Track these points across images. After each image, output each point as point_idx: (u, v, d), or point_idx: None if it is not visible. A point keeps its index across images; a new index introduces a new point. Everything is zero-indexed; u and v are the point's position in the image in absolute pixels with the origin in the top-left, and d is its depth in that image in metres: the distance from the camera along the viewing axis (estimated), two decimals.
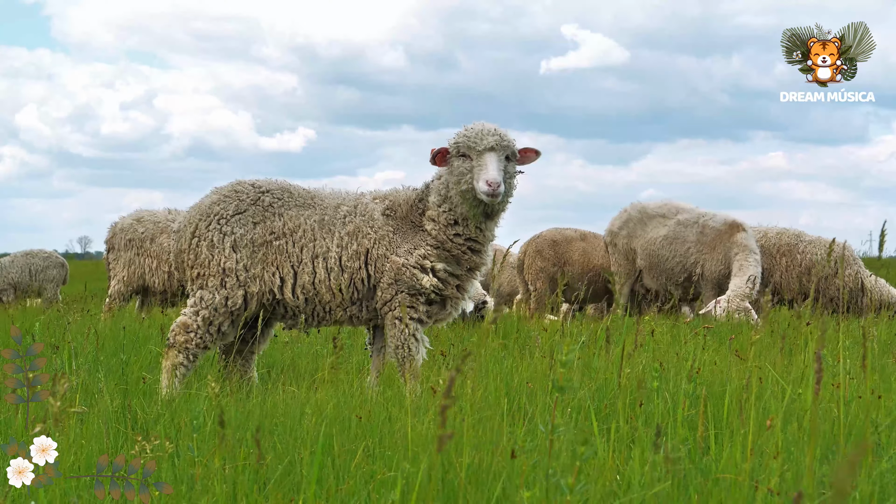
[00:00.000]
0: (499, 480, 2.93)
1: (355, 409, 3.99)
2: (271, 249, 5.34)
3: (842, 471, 1.44)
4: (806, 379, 4.26)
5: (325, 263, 5.31)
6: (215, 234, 5.34)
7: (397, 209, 5.41)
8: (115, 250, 10.47)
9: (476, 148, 5.06)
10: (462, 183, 5.10)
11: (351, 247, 5.32)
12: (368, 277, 5.29)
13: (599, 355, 5.31)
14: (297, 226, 5.36)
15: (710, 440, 3.43)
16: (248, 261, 5.32)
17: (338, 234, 5.36)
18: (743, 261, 10.07)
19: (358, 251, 5.31)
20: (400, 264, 5.23)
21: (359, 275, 5.31)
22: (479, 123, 5.14)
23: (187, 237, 5.44)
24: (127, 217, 10.60)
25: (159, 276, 10.20)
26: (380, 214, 5.40)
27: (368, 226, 5.36)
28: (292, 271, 5.31)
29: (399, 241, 5.31)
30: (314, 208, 5.42)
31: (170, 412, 4.18)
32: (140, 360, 5.78)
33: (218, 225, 5.38)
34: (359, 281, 5.31)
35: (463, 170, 5.10)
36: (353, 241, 5.33)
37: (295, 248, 5.33)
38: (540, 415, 3.96)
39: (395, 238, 5.33)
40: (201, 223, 5.42)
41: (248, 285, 5.29)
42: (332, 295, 5.29)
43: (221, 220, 5.38)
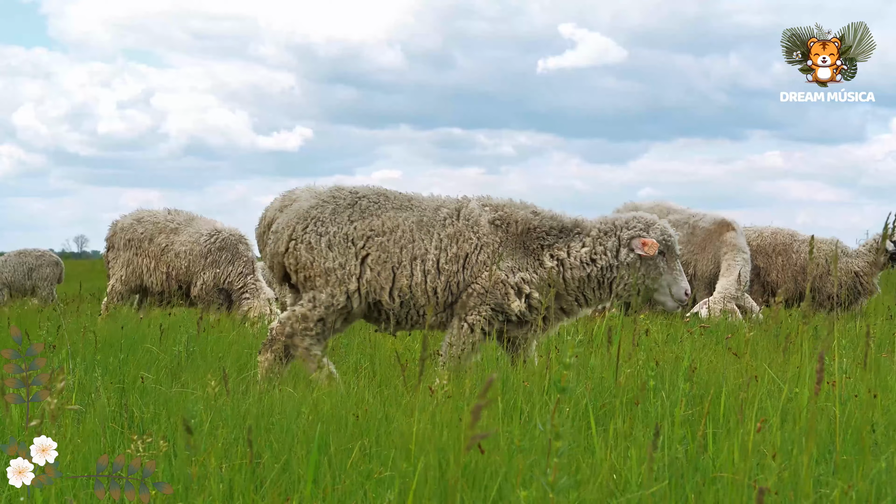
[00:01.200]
0: (496, 479, 2.94)
1: (352, 409, 3.99)
2: (372, 245, 5.33)
3: None
4: (802, 378, 4.26)
5: (423, 266, 5.29)
6: (312, 235, 5.37)
7: (511, 225, 5.39)
8: (114, 249, 10.46)
9: (673, 251, 5.40)
10: (654, 279, 5.36)
11: (450, 250, 5.31)
12: (463, 282, 5.27)
13: (596, 354, 5.31)
14: (395, 226, 5.35)
15: (708, 439, 3.43)
16: (344, 258, 5.33)
17: (437, 237, 5.34)
18: (731, 260, 10.07)
19: (457, 255, 5.29)
20: (499, 279, 5.24)
21: (455, 279, 5.30)
22: (663, 220, 5.44)
23: (284, 240, 5.47)
24: (127, 216, 10.58)
25: (157, 276, 10.18)
26: (486, 222, 5.37)
27: (472, 231, 5.33)
28: (392, 273, 5.32)
29: (503, 255, 5.31)
30: (412, 210, 5.41)
31: (167, 411, 4.18)
32: (137, 360, 5.78)
33: (315, 227, 5.41)
34: (454, 285, 5.30)
35: (661, 269, 5.36)
36: (453, 244, 5.31)
37: (395, 248, 5.32)
38: (539, 415, 3.96)
39: (500, 251, 5.31)
40: (298, 226, 5.47)
41: (347, 283, 5.30)
42: (426, 298, 5.29)
43: (318, 222, 5.40)
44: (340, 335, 7.61)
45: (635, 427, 3.69)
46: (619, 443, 3.50)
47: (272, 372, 5.33)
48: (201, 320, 7.32)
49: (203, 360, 5.87)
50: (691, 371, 4.25)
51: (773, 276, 11.01)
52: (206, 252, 10.02)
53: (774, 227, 11.43)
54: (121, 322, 7.94)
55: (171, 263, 10.11)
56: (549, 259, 5.32)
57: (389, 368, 5.52)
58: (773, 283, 10.99)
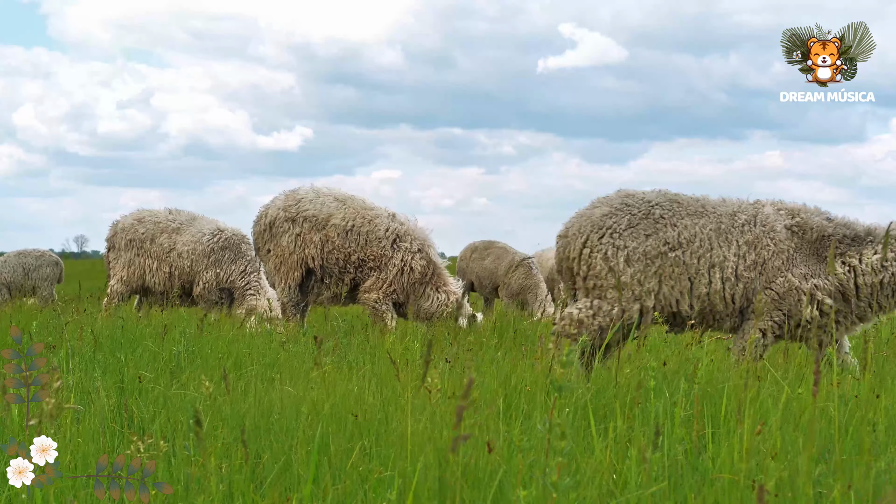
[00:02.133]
0: (495, 479, 2.94)
1: (351, 409, 3.99)
2: (667, 261, 5.34)
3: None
4: (803, 378, 4.26)
5: (721, 273, 5.30)
6: (609, 247, 5.38)
7: (807, 232, 5.41)
8: (115, 249, 10.45)
9: None
10: None
11: (749, 257, 5.31)
12: (757, 288, 5.30)
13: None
14: (692, 235, 5.36)
15: (708, 440, 3.43)
16: (642, 275, 5.33)
17: (735, 244, 5.35)
18: None
19: (756, 261, 5.31)
20: (794, 285, 5.24)
21: (751, 285, 5.31)
22: None
23: (577, 247, 5.47)
24: (128, 216, 10.57)
25: (160, 276, 10.16)
26: (783, 227, 5.39)
27: (769, 237, 5.35)
28: (689, 283, 5.32)
29: (797, 261, 5.33)
30: (707, 216, 5.42)
31: (166, 411, 4.18)
32: (136, 359, 5.78)
33: (611, 238, 5.41)
34: (750, 291, 5.31)
35: None
36: (752, 251, 5.32)
37: (692, 259, 5.33)
38: (539, 415, 3.96)
39: (795, 256, 5.34)
40: (593, 235, 5.46)
41: (643, 299, 5.30)
42: (724, 305, 5.30)
43: (614, 233, 5.41)
44: (340, 336, 7.61)
45: (635, 427, 3.69)
46: (620, 443, 3.50)
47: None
48: (203, 320, 7.31)
49: (202, 360, 5.87)
50: (693, 371, 4.25)
51: None
52: (208, 251, 10.01)
53: None
54: (120, 322, 7.94)
55: (174, 263, 10.09)
56: (840, 266, 5.34)
57: (389, 368, 5.52)
58: None
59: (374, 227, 8.71)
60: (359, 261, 8.68)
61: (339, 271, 8.72)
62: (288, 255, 8.77)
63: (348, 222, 8.71)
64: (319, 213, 8.79)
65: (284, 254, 8.79)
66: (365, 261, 8.66)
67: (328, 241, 8.69)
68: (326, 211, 8.80)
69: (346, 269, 8.69)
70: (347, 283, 8.76)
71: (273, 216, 9.02)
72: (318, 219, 8.77)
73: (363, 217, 8.75)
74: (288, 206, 8.93)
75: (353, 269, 8.69)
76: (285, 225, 8.86)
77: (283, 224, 8.87)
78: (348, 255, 8.67)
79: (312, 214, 8.79)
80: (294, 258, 8.75)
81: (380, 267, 8.63)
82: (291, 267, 8.77)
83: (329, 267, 8.74)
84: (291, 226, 8.83)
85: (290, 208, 8.89)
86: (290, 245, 8.77)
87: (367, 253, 8.64)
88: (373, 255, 8.63)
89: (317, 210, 8.81)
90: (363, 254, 8.65)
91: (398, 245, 8.68)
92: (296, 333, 7.58)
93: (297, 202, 8.93)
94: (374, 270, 8.65)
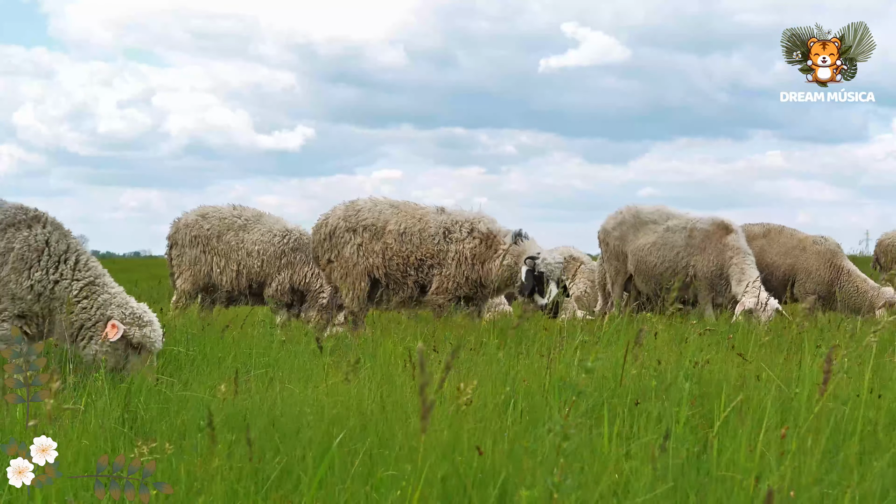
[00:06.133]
0: (499, 479, 2.93)
1: (355, 409, 3.98)
2: None
3: None
4: (803, 378, 4.25)
5: None
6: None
7: None
8: (178, 246, 10.27)
9: None
10: None
11: None
12: None
13: (600, 355, 5.31)
14: None
15: (713, 440, 3.42)
16: None
17: None
18: (742, 263, 10.15)
19: None
20: None
21: None
22: None
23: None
24: (191, 213, 10.34)
25: (227, 274, 10.03)
26: None
27: None
28: None
29: None
30: None
31: (170, 412, 4.17)
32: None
33: None
34: None
35: None
36: None
37: None
38: (540, 414, 3.95)
39: None
40: None
41: None
42: None
43: None
44: (338, 337, 7.61)
45: (637, 427, 3.68)
46: (623, 443, 3.49)
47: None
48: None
49: (204, 361, 5.86)
50: (696, 370, 4.24)
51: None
52: (280, 253, 9.92)
53: (764, 224, 11.71)
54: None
55: (243, 262, 9.96)
56: None
57: (390, 368, 5.51)
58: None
59: (425, 224, 8.78)
60: (417, 262, 8.75)
61: (401, 275, 8.82)
62: (352, 266, 8.87)
63: (401, 225, 8.79)
64: (377, 220, 8.90)
65: (349, 265, 8.89)
66: (423, 260, 8.73)
67: (387, 248, 8.79)
68: (383, 218, 8.91)
69: (408, 272, 8.78)
70: (411, 286, 8.81)
71: (333, 225, 9.10)
72: (377, 227, 8.88)
73: (413, 217, 8.84)
74: (348, 216, 9.03)
75: (413, 271, 8.76)
76: (346, 235, 8.96)
77: (343, 234, 8.97)
78: (406, 257, 8.74)
79: (371, 223, 8.90)
80: (359, 269, 8.85)
81: (440, 263, 8.70)
82: (357, 277, 8.86)
83: (392, 273, 8.84)
84: (352, 236, 8.93)
85: (350, 218, 9.00)
86: (354, 256, 8.87)
87: (423, 252, 8.72)
88: (429, 254, 8.71)
89: (375, 218, 8.92)
90: (419, 254, 8.72)
91: (450, 237, 8.74)
92: (295, 334, 7.57)
93: (356, 212, 9.03)
94: (434, 268, 8.72)
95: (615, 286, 11.29)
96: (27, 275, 5.57)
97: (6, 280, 5.57)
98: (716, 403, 4.03)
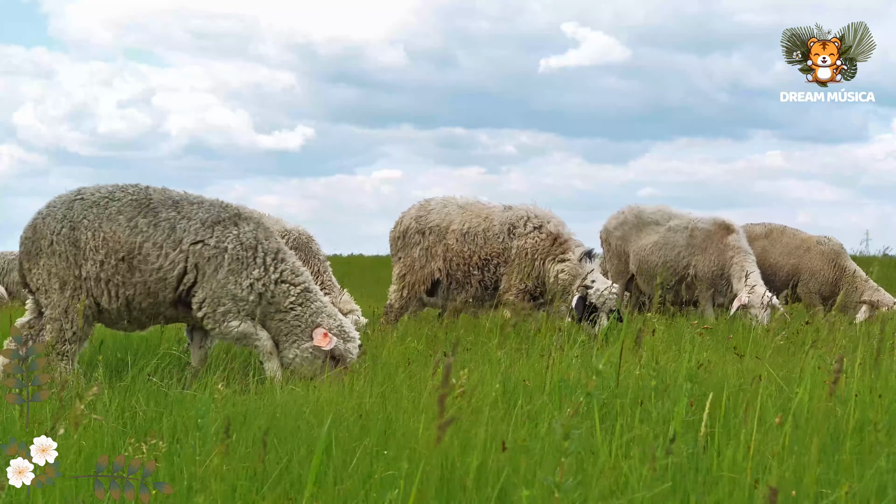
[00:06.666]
0: (499, 479, 2.93)
1: (354, 409, 3.98)
2: None
3: None
4: (804, 379, 4.26)
5: None
6: None
7: None
8: None
9: None
10: None
11: None
12: None
13: (598, 354, 5.31)
14: None
15: (715, 439, 3.42)
16: None
17: None
18: (743, 262, 10.16)
19: None
20: None
21: None
22: None
23: None
24: None
25: None
26: None
27: None
28: None
29: None
30: None
31: (170, 412, 4.17)
32: (146, 361, 5.76)
33: None
34: None
35: None
36: None
37: None
38: (541, 414, 3.95)
39: None
40: None
41: None
42: None
43: None
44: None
45: (636, 427, 3.68)
46: (623, 443, 3.50)
47: None
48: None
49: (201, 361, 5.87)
50: (697, 371, 4.24)
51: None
52: None
53: (766, 224, 11.75)
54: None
55: None
56: None
57: (391, 368, 5.52)
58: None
59: (490, 223, 8.64)
60: (481, 261, 8.61)
61: (463, 275, 8.69)
62: (419, 268, 8.80)
63: (465, 225, 8.70)
64: (442, 221, 8.82)
65: (415, 266, 8.83)
66: (488, 259, 8.61)
67: (448, 248, 8.70)
68: (448, 219, 8.82)
69: (470, 272, 8.63)
70: (476, 286, 8.69)
71: (406, 226, 9.06)
72: (441, 227, 8.80)
73: (479, 216, 8.72)
74: (419, 217, 8.97)
75: (477, 271, 8.62)
76: (416, 237, 8.90)
77: (413, 235, 8.93)
78: (468, 258, 8.62)
79: (437, 224, 8.83)
80: (424, 272, 8.78)
81: (505, 261, 8.58)
82: (420, 280, 8.78)
83: (453, 272, 8.73)
84: (421, 238, 8.87)
85: (420, 219, 8.95)
86: (422, 259, 8.81)
87: (488, 251, 8.60)
88: (494, 252, 8.59)
89: (441, 219, 8.84)
90: (483, 253, 8.59)
91: (514, 233, 8.59)
92: None
93: (427, 213, 8.96)
94: (500, 267, 8.60)
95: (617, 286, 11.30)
96: (245, 275, 5.43)
97: (224, 282, 5.40)
98: (716, 404, 4.03)
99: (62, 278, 5.40)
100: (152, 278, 5.38)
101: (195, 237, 5.42)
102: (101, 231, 5.41)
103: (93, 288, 5.40)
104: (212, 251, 5.41)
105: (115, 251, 5.38)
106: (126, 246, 5.37)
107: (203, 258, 5.40)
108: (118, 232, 5.40)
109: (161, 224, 5.42)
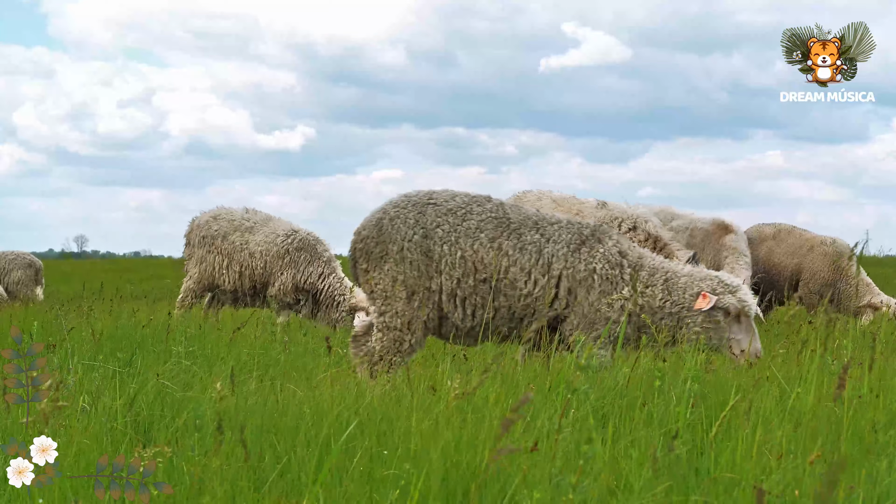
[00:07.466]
0: (500, 481, 2.93)
1: (355, 409, 3.98)
2: None
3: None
4: (805, 379, 4.25)
5: None
6: None
7: None
8: (189, 246, 10.25)
9: None
10: None
11: None
12: None
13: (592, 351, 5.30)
14: None
15: (716, 440, 3.42)
16: None
17: None
18: (734, 263, 10.12)
19: None
20: None
21: None
22: None
23: None
24: (205, 213, 10.35)
25: (230, 274, 10.00)
26: None
27: None
28: None
29: None
30: None
31: (170, 413, 4.16)
32: (145, 359, 5.75)
33: None
34: None
35: None
36: None
37: None
38: (544, 414, 3.95)
39: None
40: None
41: None
42: None
43: None
44: (340, 333, 7.60)
45: (637, 428, 3.68)
46: (623, 443, 3.49)
47: None
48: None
49: (205, 361, 5.86)
50: (699, 372, 4.24)
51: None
52: (282, 253, 9.83)
53: (773, 223, 11.76)
54: (119, 321, 7.93)
55: (245, 262, 9.93)
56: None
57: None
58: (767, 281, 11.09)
59: (583, 218, 8.25)
60: None
61: None
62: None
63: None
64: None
65: None
66: None
67: None
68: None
69: None
70: None
71: None
72: None
73: (570, 212, 8.39)
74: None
75: None
76: None
77: None
78: None
79: None
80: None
81: None
82: None
83: None
84: None
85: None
86: None
87: None
88: None
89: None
90: None
91: None
92: (295, 334, 7.57)
93: (521, 204, 8.70)
94: None
95: None
96: (615, 293, 5.18)
97: (597, 305, 5.16)
98: (716, 404, 4.03)
99: (411, 288, 5.16)
100: (519, 304, 5.19)
101: (565, 262, 5.22)
102: (459, 247, 5.19)
103: (445, 303, 5.19)
104: (582, 274, 5.22)
105: (475, 270, 5.18)
106: (490, 269, 5.16)
107: (575, 281, 5.21)
108: (481, 252, 5.18)
109: (527, 248, 5.21)
